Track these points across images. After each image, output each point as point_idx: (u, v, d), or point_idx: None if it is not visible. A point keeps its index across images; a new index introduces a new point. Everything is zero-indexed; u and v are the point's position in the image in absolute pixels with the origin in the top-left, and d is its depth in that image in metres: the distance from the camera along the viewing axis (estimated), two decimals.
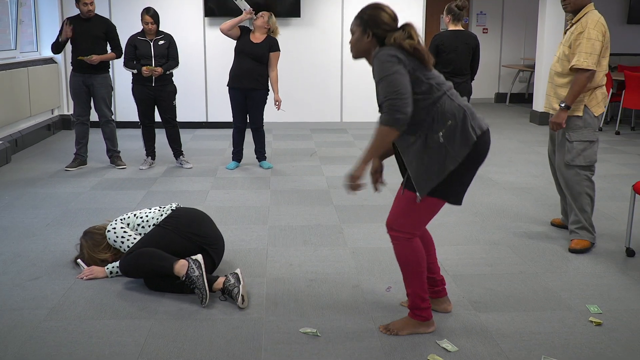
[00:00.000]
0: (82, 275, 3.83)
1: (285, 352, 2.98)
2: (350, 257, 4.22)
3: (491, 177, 6.51)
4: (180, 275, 3.45)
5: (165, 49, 6.55)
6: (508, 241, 4.58)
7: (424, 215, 3.11)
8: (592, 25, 4.21)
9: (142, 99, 6.64)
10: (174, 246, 3.67)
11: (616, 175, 6.64)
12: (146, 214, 3.97)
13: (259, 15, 6.50)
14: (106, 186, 6.05)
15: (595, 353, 2.98)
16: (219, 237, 3.96)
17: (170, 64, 6.58)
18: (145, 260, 3.57)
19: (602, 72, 4.35)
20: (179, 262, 3.48)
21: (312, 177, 6.48)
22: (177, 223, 3.81)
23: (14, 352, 2.96)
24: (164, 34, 6.62)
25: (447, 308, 3.39)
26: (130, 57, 6.54)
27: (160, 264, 3.53)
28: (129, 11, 9.20)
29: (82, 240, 3.98)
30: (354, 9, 9.47)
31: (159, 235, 3.74)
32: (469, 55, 6.41)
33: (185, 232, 3.76)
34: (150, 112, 6.74)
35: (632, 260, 4.22)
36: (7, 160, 6.96)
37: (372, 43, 3.09)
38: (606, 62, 4.36)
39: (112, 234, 3.89)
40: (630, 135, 9.21)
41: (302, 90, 9.59)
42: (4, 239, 4.53)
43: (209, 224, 3.97)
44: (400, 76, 2.91)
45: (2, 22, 8.22)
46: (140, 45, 6.49)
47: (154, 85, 6.55)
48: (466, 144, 2.92)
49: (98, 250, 3.92)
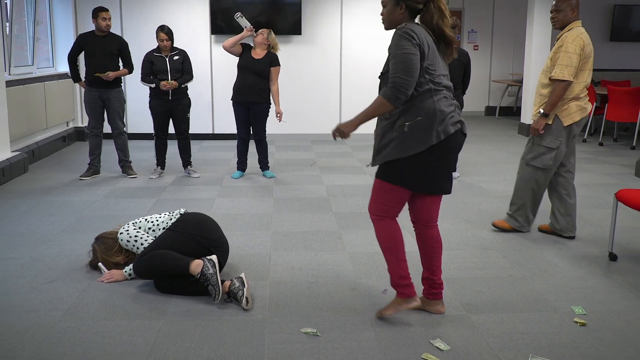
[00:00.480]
0: (102, 279, 3.83)
1: (288, 351, 2.99)
2: (349, 262, 4.23)
3: (481, 185, 6.52)
4: (195, 273, 3.47)
5: (180, 63, 6.57)
6: (497, 246, 4.58)
7: (387, 199, 3.22)
8: (571, 40, 4.38)
9: (159, 112, 6.66)
10: (184, 248, 3.68)
11: (599, 185, 6.65)
12: (157, 219, 3.99)
13: (259, 33, 6.52)
14: (118, 194, 6.06)
15: (580, 352, 2.99)
16: (224, 240, 3.98)
17: (185, 78, 6.60)
18: (159, 261, 3.58)
19: (581, 85, 4.46)
20: (194, 261, 3.51)
21: (312, 186, 6.49)
22: (186, 226, 3.83)
23: (31, 351, 2.97)
24: (179, 50, 6.64)
25: (440, 310, 3.39)
26: (148, 73, 6.56)
27: (176, 264, 3.54)
28: (140, 28, 9.25)
29: (95, 246, 3.99)
30: (353, 27, 9.60)
31: (170, 238, 3.76)
32: (461, 70, 6.44)
33: (194, 235, 3.78)
34: (165, 124, 6.76)
35: (614, 264, 4.23)
36: (25, 170, 6.97)
37: (404, 15, 3.11)
38: (585, 75, 4.47)
39: (125, 236, 3.89)
40: (612, 147, 9.23)
41: (303, 103, 9.61)
42: (21, 244, 4.54)
43: (215, 227, 3.99)
44: (413, 56, 2.96)
45: (20, 39, 8.25)
46: (156, 60, 6.52)
47: (170, 98, 6.58)
48: (422, 144, 3.02)
49: (111, 254, 3.93)
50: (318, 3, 9.51)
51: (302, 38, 9.51)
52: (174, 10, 9.32)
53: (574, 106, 4.48)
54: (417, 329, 3.22)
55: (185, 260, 3.54)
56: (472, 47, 12.70)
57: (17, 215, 5.30)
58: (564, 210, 4.71)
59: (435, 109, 3.03)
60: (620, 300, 3.61)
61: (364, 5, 9.50)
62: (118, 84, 6.72)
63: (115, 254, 3.93)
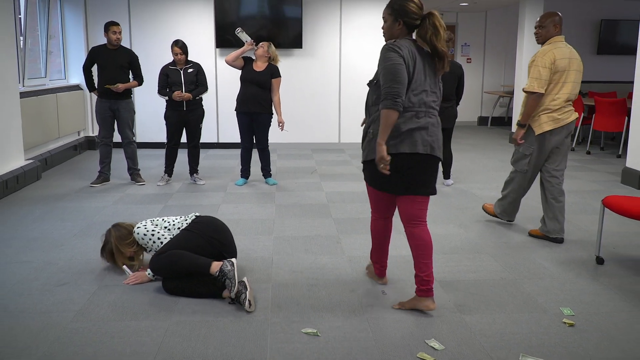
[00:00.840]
0: (128, 281, 3.83)
1: (289, 351, 2.99)
2: (348, 265, 4.23)
3: (474, 192, 6.53)
4: (214, 272, 3.50)
5: (194, 76, 6.58)
6: (490, 250, 4.59)
7: (370, 198, 3.58)
8: (542, 54, 4.52)
9: (173, 122, 6.67)
10: (199, 249, 3.71)
11: (587, 191, 6.66)
12: (172, 220, 4.01)
13: (260, 46, 6.54)
14: (127, 201, 6.06)
15: (568, 351, 2.99)
16: (235, 246, 4.02)
17: (200, 90, 6.61)
18: (180, 259, 3.60)
19: (555, 98, 4.53)
20: (214, 262, 3.55)
21: (313, 193, 6.50)
22: (202, 228, 3.86)
23: (44, 350, 2.97)
24: (193, 63, 6.65)
25: (429, 306, 3.39)
26: (163, 85, 6.58)
27: (198, 262, 3.57)
28: (148, 42, 9.30)
29: (112, 230, 3.97)
30: (352, 41, 9.62)
31: (186, 239, 3.78)
32: (455, 82, 6.46)
33: (210, 237, 3.81)
34: (178, 134, 6.77)
35: (601, 267, 4.23)
36: (38, 177, 6.99)
37: (402, 30, 3.28)
38: (561, 88, 4.52)
39: (142, 230, 3.89)
40: (599, 155, 9.24)
41: (303, 113, 9.63)
42: (35, 248, 4.55)
43: (228, 232, 4.03)
44: (399, 66, 3.12)
45: (33, 52, 8.28)
46: (171, 73, 6.55)
47: (184, 109, 6.60)
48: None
49: (124, 243, 3.92)
50: (318, 18, 9.55)
51: (303, 51, 9.54)
52: (181, 25, 9.36)
53: (545, 117, 4.58)
54: (413, 329, 3.23)
55: (207, 260, 3.58)
56: (466, 60, 12.74)
57: (31, 220, 5.31)
58: (551, 213, 4.74)
59: (403, 128, 3.21)
60: (607, 302, 3.61)
61: (361, 20, 9.55)
62: (128, 96, 6.74)
63: (127, 245, 3.93)
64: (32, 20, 8.21)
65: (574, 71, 4.55)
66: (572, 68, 4.53)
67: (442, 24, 3.22)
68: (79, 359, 2.91)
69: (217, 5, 9.26)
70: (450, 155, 6.83)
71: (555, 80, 4.51)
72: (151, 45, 9.29)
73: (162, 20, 9.36)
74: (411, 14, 3.23)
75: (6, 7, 6.41)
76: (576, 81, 4.57)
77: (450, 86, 6.41)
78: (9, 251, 4.47)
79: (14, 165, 6.55)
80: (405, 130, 3.20)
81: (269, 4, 9.31)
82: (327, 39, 9.62)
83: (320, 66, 9.67)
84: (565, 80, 4.52)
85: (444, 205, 5.96)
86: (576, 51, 4.67)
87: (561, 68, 4.49)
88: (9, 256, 4.35)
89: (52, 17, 8.76)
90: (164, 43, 9.20)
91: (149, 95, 9.21)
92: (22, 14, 7.79)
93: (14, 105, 6.62)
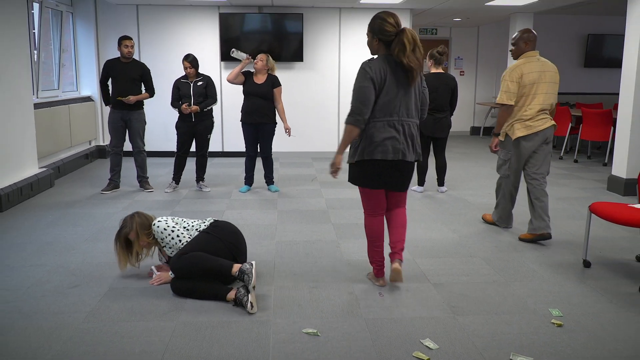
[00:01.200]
0: (153, 282, 3.83)
1: (290, 350, 3.00)
2: (346, 268, 4.23)
3: (467, 199, 6.55)
4: (234, 272, 3.54)
5: (203, 88, 6.59)
6: (482, 254, 4.60)
7: (363, 199, 3.81)
8: (509, 70, 4.76)
9: (182, 132, 6.69)
10: (218, 252, 3.71)
11: (574, 198, 6.67)
12: (191, 222, 3.98)
13: (258, 59, 6.54)
14: (136, 207, 6.05)
15: (557, 350, 3.00)
16: (246, 250, 4.05)
17: (208, 102, 6.61)
18: (200, 261, 3.59)
19: (527, 108, 4.76)
20: (235, 264, 3.59)
21: (313, 199, 6.51)
22: (221, 232, 3.86)
23: (57, 350, 2.98)
24: (203, 76, 6.67)
25: (396, 268, 3.66)
26: (175, 98, 6.61)
27: (220, 263, 3.59)
28: (156, 55, 9.33)
29: (135, 216, 3.90)
30: (350, 54, 9.66)
31: (206, 241, 3.77)
32: (449, 94, 6.49)
33: (227, 241, 3.82)
34: (187, 144, 6.78)
35: (588, 270, 4.24)
36: (51, 184, 7.00)
37: (380, 46, 3.56)
38: (530, 99, 4.74)
39: (162, 224, 3.85)
40: (586, 163, 9.25)
41: (304, 123, 9.65)
42: (48, 252, 4.56)
43: (242, 238, 4.04)
44: (366, 88, 3.43)
45: (47, 65, 8.31)
46: (182, 86, 6.58)
47: (193, 120, 6.62)
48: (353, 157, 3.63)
49: (143, 232, 3.85)
50: (318, 32, 9.59)
51: (304, 64, 9.57)
52: (187, 39, 9.39)
53: (518, 125, 4.80)
54: (409, 329, 3.24)
55: (229, 262, 3.62)
56: (459, 73, 12.76)
57: (44, 225, 5.32)
58: (536, 213, 4.83)
59: (367, 134, 3.53)
60: (594, 304, 3.62)
61: (359, 34, 9.58)
62: (140, 107, 6.76)
63: (145, 235, 3.85)
64: (46, 34, 8.25)
65: (546, 83, 4.70)
66: (543, 80, 4.69)
67: (411, 39, 3.41)
68: (90, 358, 2.91)
69: (222, 21, 9.29)
70: (444, 163, 6.85)
71: (526, 93, 4.70)
72: (159, 59, 9.32)
73: (170, 34, 9.40)
74: (386, 32, 3.48)
75: (21, 22, 6.44)
76: (549, 92, 4.71)
77: (445, 97, 6.44)
78: (24, 255, 4.48)
79: (29, 173, 6.57)
80: (378, 139, 3.50)
81: (271, 19, 9.35)
82: (326, 53, 9.65)
83: (320, 78, 9.69)
84: (537, 92, 4.69)
85: (439, 211, 5.97)
86: (553, 64, 4.81)
87: (529, 82, 4.68)
88: (24, 260, 4.37)
89: (64, 32, 8.80)
90: (171, 56, 9.27)
91: (157, 105, 9.24)
92: (36, 29, 7.83)
93: (28, 116, 6.65)
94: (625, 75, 6.85)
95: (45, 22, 8.14)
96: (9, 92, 6.18)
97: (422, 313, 3.45)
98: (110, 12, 9.27)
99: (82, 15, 9.19)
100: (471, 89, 12.93)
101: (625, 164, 6.87)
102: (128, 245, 3.90)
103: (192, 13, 9.38)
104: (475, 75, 12.91)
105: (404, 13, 9.57)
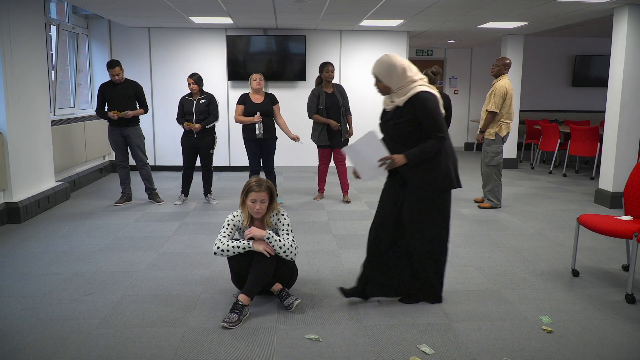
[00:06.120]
0: (249, 232, 3.53)
1: (293, 355, 3.00)
2: (347, 277, 4.24)
3: (461, 211, 6.55)
4: (275, 290, 3.71)
5: (205, 106, 6.62)
6: (476, 264, 4.60)
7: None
8: (499, 87, 6.40)
9: (187, 147, 6.73)
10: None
11: (563, 210, 6.68)
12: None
13: (252, 79, 6.50)
14: (148, 219, 6.09)
15: (547, 355, 3.00)
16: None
17: (209, 120, 6.63)
18: (269, 269, 3.54)
19: (509, 114, 6.45)
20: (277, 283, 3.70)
21: (315, 211, 6.52)
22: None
23: (72, 354, 2.99)
24: (206, 94, 6.70)
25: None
26: (180, 114, 6.65)
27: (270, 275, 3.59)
28: (167, 74, 9.39)
29: (273, 190, 3.62)
30: (350, 73, 9.69)
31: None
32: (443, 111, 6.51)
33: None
34: (192, 159, 6.80)
35: (577, 279, 4.25)
36: (67, 197, 7.03)
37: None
38: (507, 107, 6.42)
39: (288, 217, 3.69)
40: (574, 177, 9.26)
41: (307, 139, 9.67)
42: (64, 261, 4.58)
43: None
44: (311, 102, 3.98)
45: (63, 85, 8.37)
46: (186, 103, 6.62)
47: (195, 136, 6.65)
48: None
49: (270, 206, 3.61)
50: (320, 53, 9.65)
51: (307, 83, 9.62)
52: (196, 59, 9.46)
53: (504, 126, 6.46)
54: (406, 335, 3.24)
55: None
56: (453, 91, 12.82)
57: (60, 236, 5.34)
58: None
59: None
60: (582, 311, 3.63)
61: (359, 55, 9.65)
62: (136, 123, 6.75)
63: (269, 210, 3.61)
64: (63, 55, 8.32)
65: (513, 98, 6.50)
66: (513, 95, 6.71)
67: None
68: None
69: (229, 43, 9.36)
70: None
71: (507, 103, 6.39)
72: (170, 78, 9.39)
73: (180, 55, 9.47)
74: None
75: (39, 44, 6.50)
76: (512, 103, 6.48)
77: None
78: (41, 264, 4.49)
79: (46, 186, 6.60)
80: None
81: (275, 41, 9.42)
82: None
83: None
84: (512, 103, 6.43)
85: None
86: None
87: (510, 96, 6.41)
88: (41, 268, 4.38)
89: (80, 53, 8.87)
90: (181, 75, 9.32)
91: (167, 122, 9.29)
92: (53, 50, 7.90)
93: (46, 132, 6.69)
94: (611, 94, 6.88)
95: (62, 43, 8.21)
96: (28, 110, 6.23)
97: (419, 319, 3.45)
98: (124, 34, 9.35)
99: (97, 37, 9.27)
100: (465, 106, 12.98)
101: (611, 178, 6.88)
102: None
103: (201, 35, 9.46)
104: (469, 93, 12.96)
105: (401, 35, 9.64)
